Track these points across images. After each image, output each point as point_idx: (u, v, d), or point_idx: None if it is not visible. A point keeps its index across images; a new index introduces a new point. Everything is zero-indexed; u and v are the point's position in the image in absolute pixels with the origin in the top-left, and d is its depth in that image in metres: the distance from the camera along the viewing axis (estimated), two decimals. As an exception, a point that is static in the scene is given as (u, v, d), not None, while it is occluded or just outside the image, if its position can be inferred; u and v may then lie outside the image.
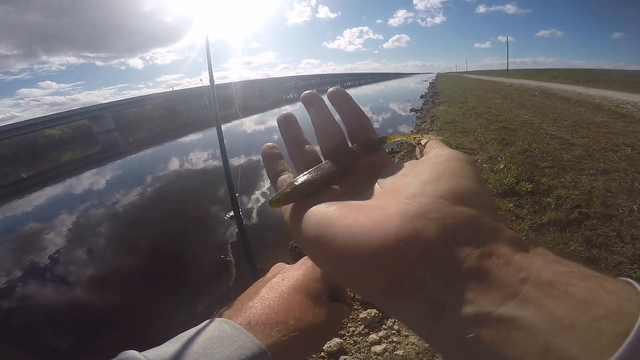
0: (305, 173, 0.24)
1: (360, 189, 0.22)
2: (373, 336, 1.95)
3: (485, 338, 0.12)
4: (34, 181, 12.53)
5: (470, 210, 0.16)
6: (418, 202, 0.16)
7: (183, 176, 7.95)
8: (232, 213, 4.50)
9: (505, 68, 61.54)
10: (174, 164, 9.59)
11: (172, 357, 0.20)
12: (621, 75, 25.68)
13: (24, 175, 15.47)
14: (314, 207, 0.20)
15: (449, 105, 10.38)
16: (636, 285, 0.13)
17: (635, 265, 1.99)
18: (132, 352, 0.20)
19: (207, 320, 0.25)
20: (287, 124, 0.27)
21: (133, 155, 13.75)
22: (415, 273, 0.14)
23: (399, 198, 0.17)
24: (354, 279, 0.17)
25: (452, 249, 0.14)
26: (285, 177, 0.26)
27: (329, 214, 0.19)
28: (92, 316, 3.12)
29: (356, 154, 0.25)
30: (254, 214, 4.67)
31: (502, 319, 0.12)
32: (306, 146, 0.27)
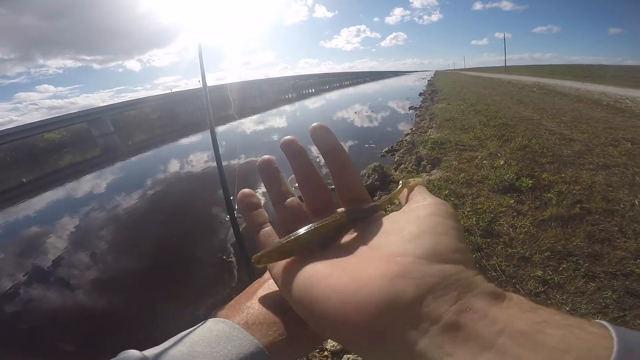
0: (290, 236, 0.24)
1: (342, 248, 0.23)
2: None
3: None
4: (35, 185, 12.55)
5: (448, 268, 0.17)
6: (398, 263, 0.17)
7: (183, 178, 7.94)
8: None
9: (503, 64, 61.49)
10: (174, 166, 9.59)
11: (171, 356, 0.21)
12: (619, 71, 25.65)
13: (24, 180, 15.47)
14: (301, 267, 0.21)
15: (448, 103, 10.38)
16: (610, 328, 0.13)
17: (639, 260, 1.99)
18: (133, 351, 0.21)
19: (206, 320, 0.25)
20: (269, 173, 0.28)
21: (133, 158, 13.76)
22: (396, 329, 0.15)
23: (381, 258, 0.19)
24: (339, 335, 0.18)
25: (430, 306, 0.15)
26: (267, 231, 0.27)
27: (314, 275, 0.20)
28: (95, 318, 3.12)
29: (344, 224, 0.25)
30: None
31: None
32: (290, 200, 0.27)
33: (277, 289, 0.27)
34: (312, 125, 0.27)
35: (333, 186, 0.29)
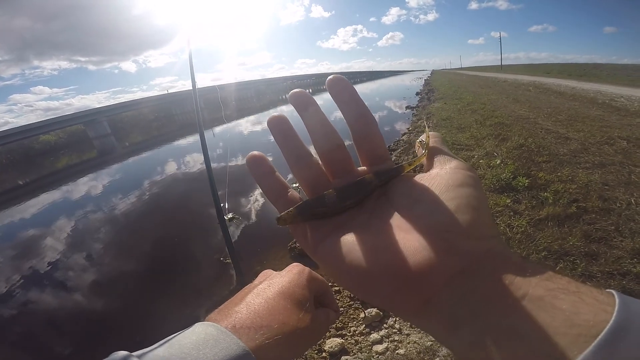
0: (317, 196, 0.24)
1: (378, 212, 0.23)
2: (374, 335, 1.95)
3: (490, 345, 0.16)
4: (31, 188, 12.45)
5: (484, 244, 0.19)
6: (444, 239, 0.19)
7: (180, 179, 7.92)
8: (230, 215, 4.48)
9: (499, 64, 61.72)
10: (171, 167, 9.56)
11: (159, 357, 0.21)
12: (613, 69, 25.81)
13: (20, 182, 15.36)
14: (338, 237, 0.22)
15: (445, 102, 10.39)
16: (616, 296, 0.16)
17: (635, 259, 1.99)
18: (123, 353, 0.21)
19: (195, 324, 0.25)
20: (281, 130, 0.27)
21: (130, 160, 13.70)
22: (441, 297, 0.18)
23: (425, 231, 0.20)
24: (388, 304, 0.20)
25: (469, 277, 0.18)
26: (293, 195, 0.27)
27: (357, 247, 0.21)
28: (91, 320, 3.11)
29: (372, 186, 0.25)
30: (253, 215, 4.66)
31: (505, 329, 0.16)
32: (310, 160, 0.27)
33: (265, 294, 0.28)
34: (329, 77, 0.26)
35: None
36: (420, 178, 0.24)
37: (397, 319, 2.02)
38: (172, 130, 22.98)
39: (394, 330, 1.97)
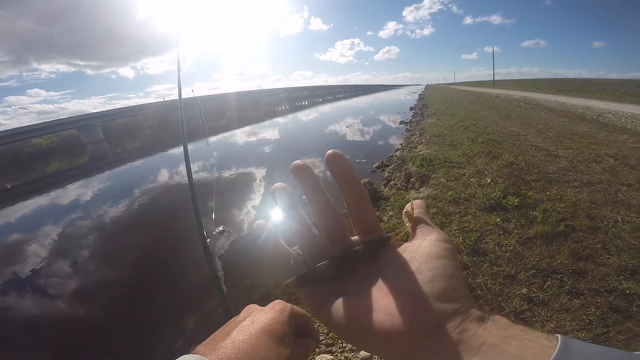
0: (317, 265, 0.30)
1: (369, 279, 0.28)
2: (363, 353, 1.94)
3: None
4: (18, 192, 12.21)
5: (454, 305, 0.24)
6: (421, 303, 0.24)
7: (172, 189, 7.84)
8: (221, 228, 4.44)
9: (492, 79, 63.06)
10: (163, 176, 9.48)
11: None
12: (601, 84, 26.51)
13: (8, 186, 15.07)
14: (337, 301, 0.28)
15: (438, 118, 10.54)
16: (559, 340, 0.20)
17: (621, 276, 2.02)
18: None
19: (182, 356, 0.26)
20: (288, 205, 0.33)
21: (122, 167, 13.57)
22: (421, 347, 0.23)
23: (406, 297, 0.25)
24: (380, 353, 0.25)
25: (443, 330, 0.23)
26: (296, 263, 0.33)
27: (353, 309, 0.26)
28: (75, 331, 3.04)
29: (362, 255, 0.29)
30: (245, 227, 4.62)
31: None
32: (311, 232, 0.33)
33: (248, 331, 0.31)
34: (328, 152, 0.31)
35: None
36: (405, 248, 0.28)
37: None
38: (166, 138, 22.88)
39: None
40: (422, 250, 0.27)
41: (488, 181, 3.68)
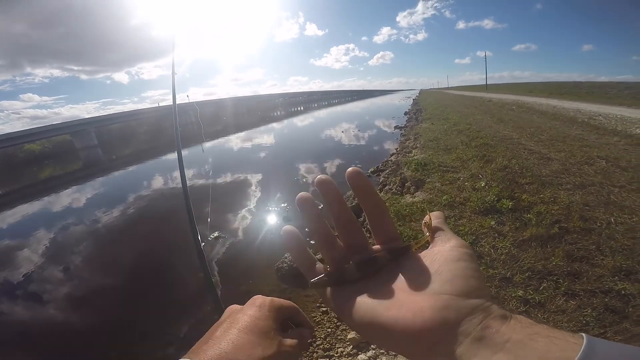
0: (342, 267, 0.32)
1: (389, 283, 0.29)
2: (362, 356, 1.93)
3: None
4: (11, 198, 12.03)
5: (475, 302, 0.24)
6: (442, 299, 0.25)
7: (166, 195, 7.78)
8: (216, 233, 4.41)
9: (484, 83, 63.78)
10: (158, 182, 9.42)
11: None
12: (592, 87, 26.97)
13: (0, 192, 14.86)
14: (359, 299, 0.28)
15: (432, 123, 10.62)
16: (585, 338, 0.20)
17: (616, 277, 2.04)
18: None
19: None
20: (313, 216, 0.32)
21: (116, 173, 13.45)
22: (443, 343, 0.23)
23: (428, 295, 0.26)
24: (402, 350, 0.25)
25: (464, 326, 0.23)
26: (320, 267, 0.34)
27: (375, 307, 0.27)
28: (69, 337, 3.00)
29: (384, 261, 0.31)
30: (240, 233, 4.60)
31: None
32: (335, 242, 0.33)
33: (230, 331, 0.31)
34: (349, 170, 0.32)
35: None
36: (425, 254, 0.30)
37: None
38: (161, 144, 22.76)
39: (381, 351, 1.94)
40: (442, 254, 0.29)
41: (482, 185, 3.70)
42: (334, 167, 7.98)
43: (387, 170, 5.84)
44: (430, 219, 0.32)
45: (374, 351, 1.96)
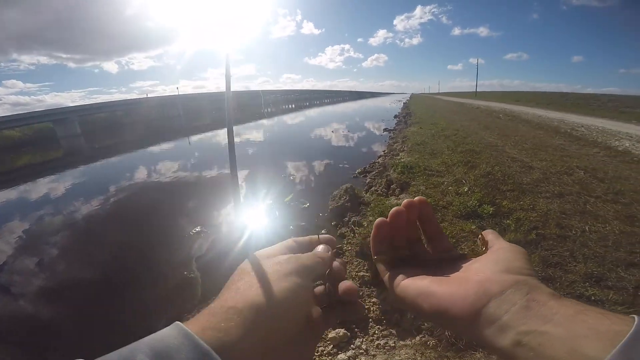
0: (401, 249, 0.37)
1: (442, 271, 0.33)
2: (341, 356, 1.93)
3: (533, 344, 0.21)
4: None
5: (519, 277, 0.26)
6: (485, 275, 0.27)
7: (149, 187, 7.64)
8: (198, 228, 4.34)
9: (474, 90, 65.00)
10: (141, 174, 9.21)
11: None
12: (578, 98, 27.86)
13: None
14: (415, 278, 0.32)
15: (420, 127, 10.72)
16: (636, 317, 0.20)
17: (587, 283, 2.10)
18: None
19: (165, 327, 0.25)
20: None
21: (98, 163, 13.11)
22: (488, 311, 0.24)
23: (472, 275, 0.29)
24: (450, 323, 0.27)
25: (509, 295, 0.24)
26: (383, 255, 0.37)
27: (429, 283, 0.30)
28: (43, 329, 2.93)
29: (444, 258, 0.36)
30: (224, 228, 4.54)
31: (543, 332, 0.21)
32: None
33: (242, 295, 0.27)
34: (417, 198, 0.37)
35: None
36: (480, 257, 0.33)
37: (364, 339, 2.04)
38: (147, 135, 22.31)
39: (361, 351, 1.96)
40: (492, 254, 0.32)
41: (465, 190, 3.75)
42: (323, 166, 7.98)
43: (374, 172, 5.88)
44: (482, 236, 0.37)
45: (353, 351, 1.96)
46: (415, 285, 0.31)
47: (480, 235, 0.37)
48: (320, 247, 0.37)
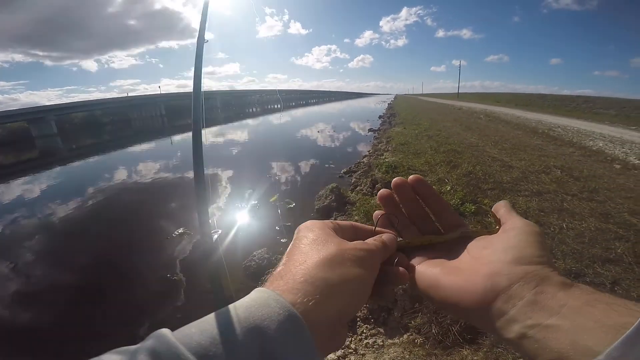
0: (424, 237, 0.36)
1: (454, 254, 0.33)
2: (331, 356, 1.92)
3: (538, 336, 0.22)
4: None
5: (529, 267, 0.26)
6: (494, 266, 0.27)
7: (130, 188, 7.41)
8: (181, 229, 4.25)
9: (457, 91, 66.41)
10: (121, 175, 8.93)
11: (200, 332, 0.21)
12: (555, 100, 28.87)
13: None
14: (425, 267, 0.32)
15: (404, 127, 10.87)
16: None
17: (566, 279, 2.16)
18: (164, 332, 0.21)
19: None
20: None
21: (75, 163, 12.65)
22: (496, 306, 0.24)
23: (482, 264, 0.28)
24: (458, 312, 0.28)
25: (517, 290, 0.24)
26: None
27: (437, 273, 0.30)
28: (21, 335, 2.80)
29: (454, 236, 0.35)
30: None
31: (548, 325, 0.21)
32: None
33: (318, 252, 0.28)
34: (411, 177, 0.37)
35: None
36: (492, 236, 0.32)
37: (353, 339, 2.05)
38: (127, 135, 21.72)
39: (350, 351, 1.96)
40: (505, 233, 0.31)
41: (448, 189, 3.82)
42: (308, 166, 7.96)
43: (359, 172, 5.90)
44: (493, 213, 0.36)
45: (342, 351, 1.96)
46: (425, 276, 0.31)
47: (494, 208, 0.36)
48: (385, 236, 0.35)
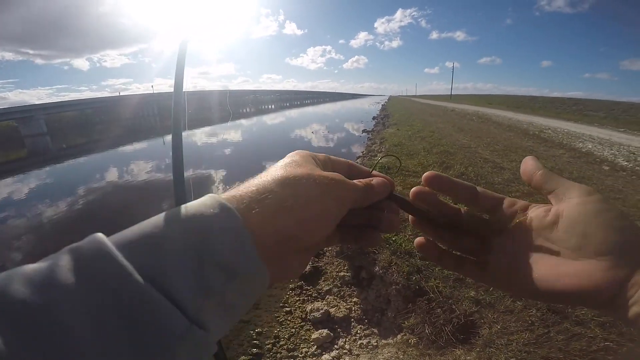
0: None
1: (533, 248, 0.30)
2: (326, 356, 1.93)
3: None
4: None
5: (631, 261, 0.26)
6: (608, 259, 0.26)
7: (121, 188, 7.32)
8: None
9: (449, 93, 67.08)
10: (112, 175, 8.82)
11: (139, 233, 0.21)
12: (545, 102, 29.35)
13: None
14: (518, 272, 0.29)
15: (397, 128, 10.91)
16: None
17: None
18: (96, 234, 0.20)
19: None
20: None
21: (65, 163, 12.45)
22: (621, 295, 0.24)
23: (591, 257, 0.27)
24: (581, 305, 0.28)
25: (636, 278, 0.24)
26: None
27: (542, 278, 0.28)
28: None
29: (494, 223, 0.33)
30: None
31: None
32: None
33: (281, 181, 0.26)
34: (425, 174, 0.35)
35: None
36: (556, 213, 0.30)
37: (347, 339, 2.06)
38: (119, 135, 21.45)
39: (344, 351, 1.96)
40: (575, 210, 0.29)
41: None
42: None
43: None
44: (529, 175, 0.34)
45: (337, 351, 1.96)
46: (531, 285, 0.28)
47: (525, 170, 0.34)
48: (375, 180, 0.33)
